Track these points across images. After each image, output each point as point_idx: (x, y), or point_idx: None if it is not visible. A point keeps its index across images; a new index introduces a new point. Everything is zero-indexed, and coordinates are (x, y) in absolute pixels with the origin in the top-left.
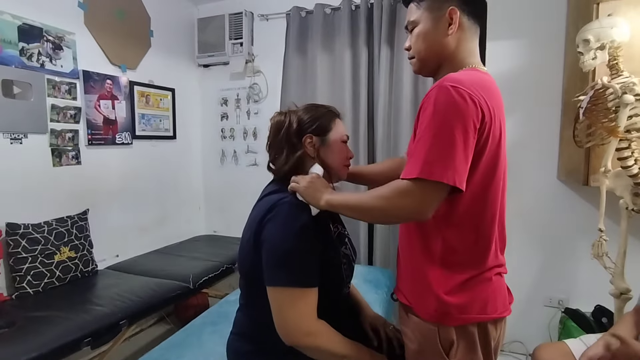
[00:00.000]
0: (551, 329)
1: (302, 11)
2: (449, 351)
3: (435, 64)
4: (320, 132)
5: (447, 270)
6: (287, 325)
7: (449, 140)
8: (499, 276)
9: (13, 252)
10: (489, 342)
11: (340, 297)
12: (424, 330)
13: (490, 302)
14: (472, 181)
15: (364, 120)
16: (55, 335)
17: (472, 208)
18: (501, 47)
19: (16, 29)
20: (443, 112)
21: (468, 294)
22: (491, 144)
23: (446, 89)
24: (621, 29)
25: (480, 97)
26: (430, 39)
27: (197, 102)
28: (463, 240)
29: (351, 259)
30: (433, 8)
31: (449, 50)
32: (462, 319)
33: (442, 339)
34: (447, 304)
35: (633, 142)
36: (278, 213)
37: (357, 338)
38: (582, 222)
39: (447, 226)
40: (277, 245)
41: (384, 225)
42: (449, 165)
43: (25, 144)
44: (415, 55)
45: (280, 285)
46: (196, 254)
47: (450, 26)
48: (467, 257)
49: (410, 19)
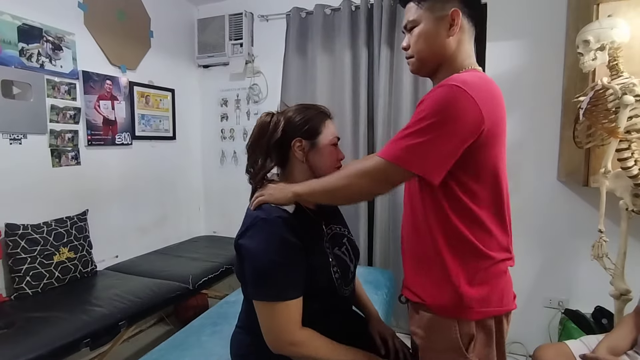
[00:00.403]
0: (551, 330)
1: (302, 12)
2: (468, 347)
3: (435, 64)
4: (309, 135)
5: (465, 262)
6: (270, 336)
7: (438, 137)
8: (508, 269)
9: (12, 252)
10: (503, 336)
11: (337, 299)
12: (440, 327)
13: (505, 294)
14: (484, 173)
15: (363, 120)
16: (54, 336)
17: (489, 199)
18: (501, 47)
19: (16, 30)
20: (443, 109)
21: (488, 286)
22: (493, 141)
23: (453, 88)
24: (621, 30)
25: (485, 103)
26: (432, 39)
27: (197, 102)
28: (480, 233)
29: (348, 260)
30: (435, 8)
31: (450, 51)
32: (483, 312)
33: (463, 334)
34: (467, 296)
35: (633, 143)
36: (254, 231)
37: (362, 341)
38: (582, 223)
39: (466, 221)
40: (256, 263)
41: (383, 226)
42: (424, 157)
43: (24, 144)
44: (414, 54)
45: (260, 299)
46: (196, 255)
47: (452, 27)
48: (484, 247)
49: (410, 18)
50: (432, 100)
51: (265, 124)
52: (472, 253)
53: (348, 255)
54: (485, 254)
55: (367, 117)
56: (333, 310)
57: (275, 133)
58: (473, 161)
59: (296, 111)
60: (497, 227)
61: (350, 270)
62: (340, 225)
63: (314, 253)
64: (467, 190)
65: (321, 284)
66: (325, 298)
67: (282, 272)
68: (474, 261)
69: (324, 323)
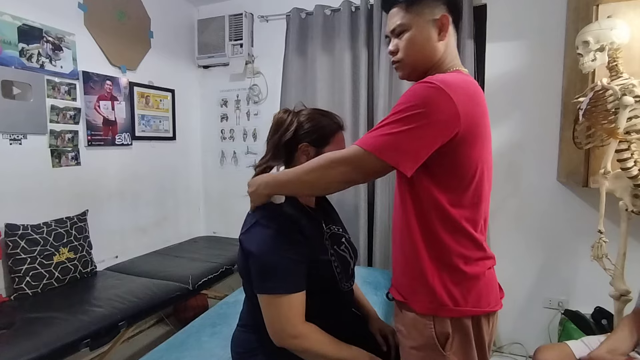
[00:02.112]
0: (551, 330)
1: (302, 12)
2: (444, 345)
3: (425, 68)
4: (317, 143)
5: (441, 263)
6: (274, 329)
7: (413, 129)
8: (491, 270)
9: (12, 253)
10: (482, 337)
11: (338, 294)
12: (420, 325)
13: (483, 295)
14: (463, 173)
15: (363, 121)
16: (54, 336)
17: (466, 200)
18: (501, 48)
19: (16, 30)
20: (419, 103)
21: (463, 287)
22: (473, 142)
23: (432, 85)
24: (621, 31)
25: (462, 102)
26: (424, 44)
27: (197, 103)
28: (456, 234)
29: (348, 258)
30: (425, 13)
31: (439, 55)
32: (457, 311)
33: (438, 332)
34: (442, 296)
35: (633, 144)
36: (259, 228)
37: (363, 338)
38: (582, 224)
39: (442, 221)
40: (261, 258)
41: (383, 227)
42: (398, 147)
43: (24, 144)
44: (405, 59)
45: (265, 293)
46: (195, 255)
47: (442, 32)
48: (458, 246)
49: (398, 22)
50: (409, 94)
51: (281, 121)
52: (446, 252)
53: (348, 253)
54: (458, 253)
55: (367, 117)
56: (334, 307)
57: (287, 133)
58: (451, 160)
59: (310, 116)
60: (472, 226)
61: (350, 266)
62: (339, 227)
63: (315, 249)
64: (443, 190)
65: (323, 278)
66: (327, 293)
67: (286, 266)
68: (448, 260)
69: (325, 319)
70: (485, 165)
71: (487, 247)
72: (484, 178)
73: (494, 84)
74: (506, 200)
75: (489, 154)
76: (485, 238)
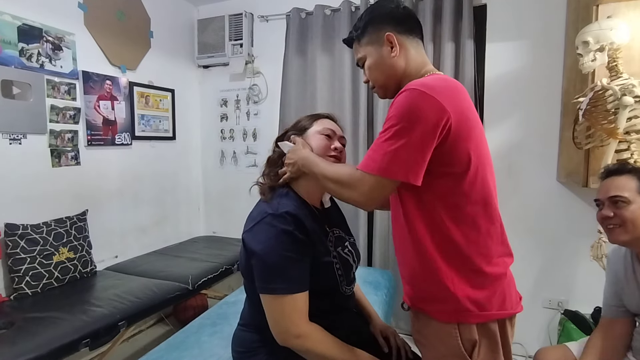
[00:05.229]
0: (550, 330)
1: (302, 12)
2: (471, 352)
3: (396, 84)
4: (301, 130)
5: (460, 266)
6: (277, 328)
7: (409, 140)
8: (509, 270)
9: (12, 252)
10: (508, 340)
11: (339, 297)
12: (443, 334)
13: (507, 297)
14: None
15: (363, 121)
16: (54, 336)
17: (475, 194)
18: (501, 48)
19: (16, 30)
20: (408, 113)
21: (487, 290)
22: (467, 134)
23: (413, 91)
24: (620, 31)
25: (446, 98)
26: (381, 66)
27: (197, 103)
28: (472, 233)
29: (350, 261)
30: (372, 40)
31: (401, 69)
32: (483, 315)
33: (464, 339)
34: (466, 301)
35: (632, 144)
36: (263, 226)
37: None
38: (582, 224)
39: (455, 221)
40: (265, 258)
41: (383, 227)
42: (402, 162)
43: (24, 144)
44: (375, 84)
45: (268, 293)
46: (195, 255)
47: (392, 49)
48: (475, 245)
49: (358, 56)
50: (396, 106)
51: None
52: (462, 252)
53: (351, 256)
54: (477, 252)
55: (367, 117)
56: (335, 309)
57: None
58: (451, 156)
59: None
60: (487, 222)
61: (352, 269)
62: (343, 231)
63: (319, 250)
64: (451, 187)
65: (324, 281)
66: (328, 296)
67: (290, 266)
68: (466, 260)
69: (327, 321)
70: (486, 159)
71: (508, 243)
72: (486, 171)
73: (494, 84)
74: (506, 200)
75: (486, 147)
76: (505, 233)
